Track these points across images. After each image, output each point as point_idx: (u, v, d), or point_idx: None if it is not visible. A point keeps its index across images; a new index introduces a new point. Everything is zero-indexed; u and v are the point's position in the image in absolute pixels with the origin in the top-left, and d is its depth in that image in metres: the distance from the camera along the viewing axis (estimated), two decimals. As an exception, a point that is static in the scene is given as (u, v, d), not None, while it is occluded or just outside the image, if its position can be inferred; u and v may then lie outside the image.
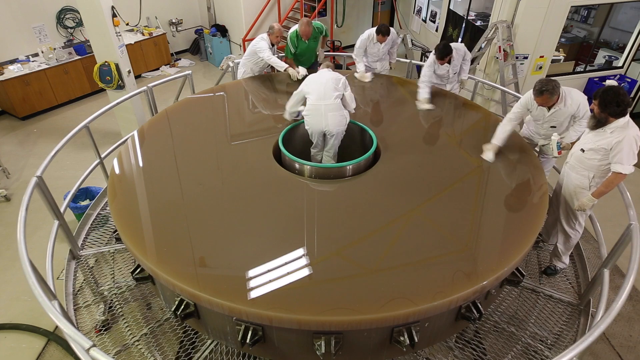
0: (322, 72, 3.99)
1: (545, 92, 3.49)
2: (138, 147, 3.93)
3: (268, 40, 5.23)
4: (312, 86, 3.87)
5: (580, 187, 3.33)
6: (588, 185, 3.29)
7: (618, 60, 7.83)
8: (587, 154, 3.20)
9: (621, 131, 3.01)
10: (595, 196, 3.20)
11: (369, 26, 11.47)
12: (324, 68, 4.08)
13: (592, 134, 3.19)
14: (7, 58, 8.23)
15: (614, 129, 3.04)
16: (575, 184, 3.37)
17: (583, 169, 3.28)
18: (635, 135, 3.00)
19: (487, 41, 7.03)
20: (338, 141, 4.01)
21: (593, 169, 3.23)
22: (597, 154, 3.14)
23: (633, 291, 4.91)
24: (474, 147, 3.90)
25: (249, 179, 3.57)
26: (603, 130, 3.10)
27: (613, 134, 3.04)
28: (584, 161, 3.24)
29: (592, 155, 3.18)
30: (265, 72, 5.60)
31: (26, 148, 7.50)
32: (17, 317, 4.57)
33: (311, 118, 3.86)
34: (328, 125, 3.83)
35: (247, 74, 5.50)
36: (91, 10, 5.86)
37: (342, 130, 3.94)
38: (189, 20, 10.95)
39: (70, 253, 3.66)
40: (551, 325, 3.28)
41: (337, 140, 3.99)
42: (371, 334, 2.54)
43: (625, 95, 2.99)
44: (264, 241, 2.95)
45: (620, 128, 3.02)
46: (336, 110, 3.82)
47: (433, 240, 2.94)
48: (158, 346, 3.11)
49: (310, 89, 3.86)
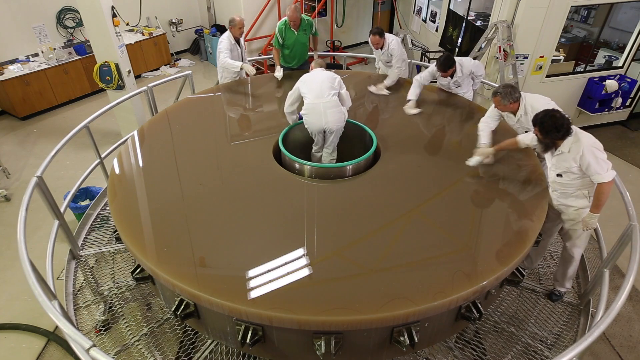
0: (316, 71, 3.98)
1: (497, 95, 3.53)
2: (138, 147, 3.93)
3: (230, 36, 5.04)
4: (308, 86, 3.87)
5: (582, 207, 3.16)
6: (588, 203, 3.14)
7: (618, 60, 7.82)
8: (565, 178, 3.10)
9: (576, 146, 2.93)
10: (593, 212, 3.07)
11: (369, 26, 11.47)
12: (316, 67, 4.06)
13: (555, 159, 3.11)
14: (7, 58, 8.22)
15: (569, 146, 2.97)
16: (575, 207, 3.18)
17: (574, 190, 3.14)
18: (592, 143, 2.91)
19: (487, 41, 7.03)
20: (337, 138, 4.01)
21: (583, 187, 3.10)
22: (573, 174, 3.04)
23: (633, 291, 4.90)
24: (473, 147, 3.90)
25: (249, 179, 3.57)
26: (560, 152, 3.03)
27: (571, 152, 2.96)
28: (568, 184, 3.12)
29: (570, 177, 3.07)
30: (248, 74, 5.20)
31: (26, 148, 7.49)
32: (17, 317, 4.57)
33: (310, 117, 3.86)
34: (328, 122, 3.83)
35: (225, 78, 5.30)
36: (91, 10, 5.86)
37: (341, 126, 3.94)
38: (189, 20, 10.95)
39: (70, 253, 3.66)
40: (551, 325, 3.28)
41: (336, 137, 3.99)
42: (371, 334, 2.54)
43: (562, 117, 2.93)
44: (264, 241, 2.95)
45: (574, 144, 2.94)
46: (334, 107, 3.82)
47: (433, 240, 2.94)
48: (158, 346, 3.12)
49: (307, 88, 3.87)
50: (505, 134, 3.83)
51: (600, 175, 2.90)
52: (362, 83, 5.33)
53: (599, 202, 3.02)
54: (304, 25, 5.26)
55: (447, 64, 4.45)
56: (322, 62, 4.15)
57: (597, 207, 3.04)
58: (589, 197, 3.13)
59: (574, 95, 7.82)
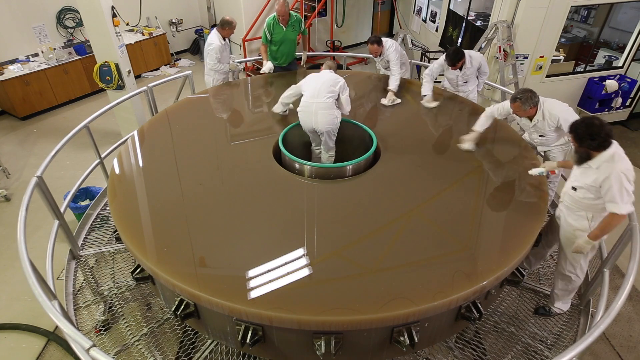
0: (323, 72, 4.01)
1: (517, 100, 3.48)
2: (138, 147, 3.93)
3: (220, 37, 5.05)
4: (308, 84, 3.93)
5: (580, 229, 2.96)
6: (588, 226, 2.93)
7: (618, 60, 7.82)
8: (579, 193, 2.87)
9: (607, 166, 2.66)
10: (592, 238, 2.85)
11: (369, 26, 11.48)
12: (325, 68, 4.08)
13: (579, 171, 2.87)
14: (7, 58, 8.22)
15: (600, 163, 2.70)
16: (573, 226, 3.00)
17: (579, 209, 2.94)
18: (625, 169, 2.64)
19: (487, 41, 7.03)
20: (330, 139, 4.02)
21: (590, 209, 2.88)
22: (589, 192, 2.80)
23: (633, 291, 4.90)
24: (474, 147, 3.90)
25: (249, 179, 3.57)
26: (588, 166, 2.77)
27: (599, 169, 2.70)
28: (578, 201, 2.91)
29: (585, 194, 2.84)
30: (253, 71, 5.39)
31: (26, 148, 7.49)
32: (17, 317, 4.56)
33: (302, 115, 3.92)
34: (317, 123, 3.86)
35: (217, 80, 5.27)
36: (91, 10, 5.86)
37: (332, 129, 3.95)
38: (189, 20, 10.94)
39: (70, 253, 3.66)
40: (551, 326, 3.28)
41: (329, 137, 4.00)
42: (371, 334, 2.54)
43: (601, 126, 2.65)
44: (264, 241, 2.95)
45: (606, 163, 2.68)
46: (326, 109, 3.83)
47: (433, 240, 2.94)
48: (158, 346, 3.12)
49: (307, 86, 3.92)
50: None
51: (616, 205, 2.65)
52: (362, 83, 5.33)
53: (602, 232, 2.83)
54: (292, 21, 5.26)
55: (457, 57, 4.52)
56: (332, 64, 4.15)
57: (597, 235, 2.85)
58: (590, 220, 2.93)
59: (574, 95, 7.82)
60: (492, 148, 3.92)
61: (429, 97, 4.67)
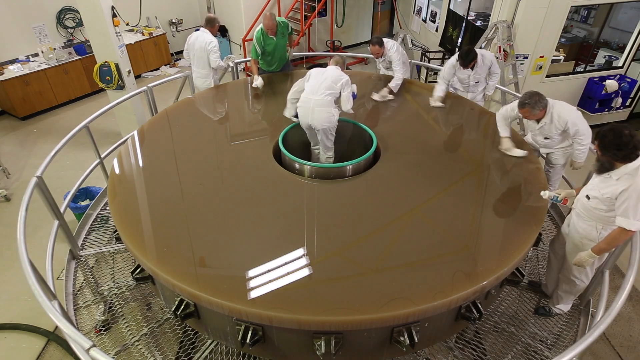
0: (328, 68, 3.93)
1: (526, 106, 3.43)
2: (138, 147, 3.93)
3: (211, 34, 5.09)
4: (311, 79, 3.86)
5: (588, 238, 2.89)
6: (596, 237, 2.85)
7: (618, 60, 7.82)
8: (592, 202, 2.78)
9: (628, 179, 2.55)
10: (595, 252, 2.77)
11: (369, 26, 11.49)
12: (332, 64, 3.97)
13: (598, 180, 2.75)
14: (7, 58, 8.22)
15: (621, 175, 2.59)
16: (581, 234, 2.92)
17: (590, 219, 2.85)
18: None
19: (487, 41, 7.03)
20: (326, 137, 3.96)
21: (601, 221, 2.79)
22: (603, 204, 2.71)
23: (633, 291, 4.90)
24: (474, 147, 3.90)
25: (249, 179, 3.57)
26: (609, 175, 2.66)
27: (619, 181, 2.59)
28: (590, 210, 2.82)
29: (597, 205, 2.75)
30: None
31: (26, 148, 7.49)
32: (17, 317, 4.56)
33: (300, 110, 3.87)
34: (314, 119, 3.82)
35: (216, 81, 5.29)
36: (91, 10, 5.86)
37: (328, 127, 3.88)
38: (189, 20, 10.93)
39: (70, 253, 3.66)
40: (551, 326, 3.28)
41: (325, 136, 3.94)
42: (371, 334, 2.54)
43: (630, 136, 2.51)
44: (264, 241, 2.95)
45: (628, 175, 2.56)
46: (323, 106, 3.77)
47: (433, 240, 2.94)
48: (158, 346, 3.12)
49: (308, 81, 3.86)
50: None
51: (627, 220, 2.57)
52: (362, 83, 5.32)
53: (606, 247, 2.75)
54: (280, 29, 5.22)
55: (469, 56, 4.54)
56: (339, 60, 4.02)
57: (601, 250, 2.77)
58: (598, 232, 2.85)
59: (574, 95, 7.82)
60: (492, 148, 3.92)
61: (438, 98, 4.67)
